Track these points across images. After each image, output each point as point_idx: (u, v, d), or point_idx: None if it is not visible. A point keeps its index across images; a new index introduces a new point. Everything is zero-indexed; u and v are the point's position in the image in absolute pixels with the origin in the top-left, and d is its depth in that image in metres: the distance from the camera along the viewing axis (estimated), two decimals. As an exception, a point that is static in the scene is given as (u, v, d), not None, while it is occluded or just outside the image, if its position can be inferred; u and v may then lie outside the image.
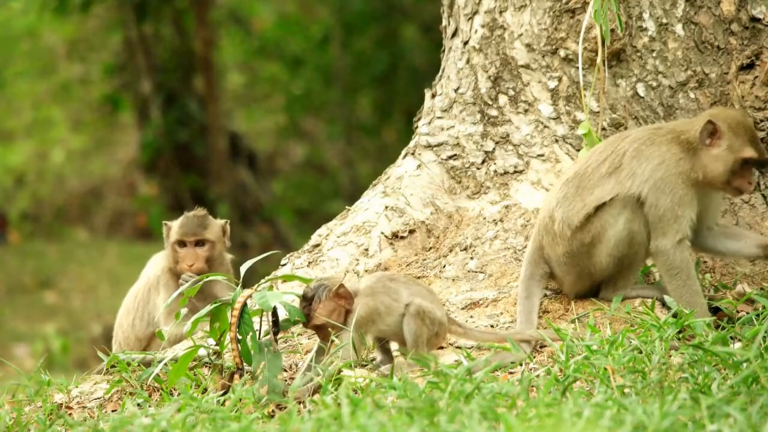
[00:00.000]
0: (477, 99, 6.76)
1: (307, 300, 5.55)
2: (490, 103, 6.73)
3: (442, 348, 5.74)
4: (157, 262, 7.09)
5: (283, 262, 6.71)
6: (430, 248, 6.53)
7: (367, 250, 6.50)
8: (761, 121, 6.45)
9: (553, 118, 6.62)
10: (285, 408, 5.25)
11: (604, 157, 5.98)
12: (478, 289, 6.24)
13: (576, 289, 6.08)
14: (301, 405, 5.27)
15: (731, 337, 5.45)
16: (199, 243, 6.91)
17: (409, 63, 19.96)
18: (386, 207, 6.61)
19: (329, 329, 5.53)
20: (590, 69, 6.50)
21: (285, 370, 5.69)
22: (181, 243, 6.91)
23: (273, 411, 5.30)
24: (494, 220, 6.50)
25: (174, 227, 6.94)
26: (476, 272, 6.34)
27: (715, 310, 6.02)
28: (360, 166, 20.63)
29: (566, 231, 5.96)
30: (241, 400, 5.22)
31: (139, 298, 7.06)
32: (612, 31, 6.45)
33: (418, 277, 6.27)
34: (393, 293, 5.59)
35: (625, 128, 6.45)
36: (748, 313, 5.90)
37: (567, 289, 6.09)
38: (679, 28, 6.54)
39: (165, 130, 19.12)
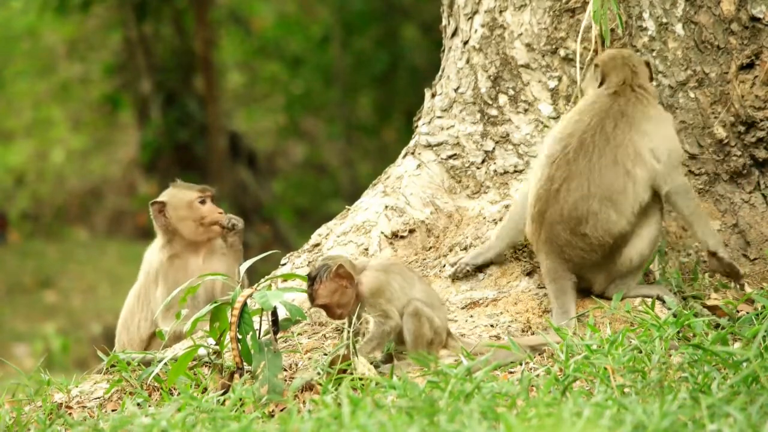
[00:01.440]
0: (477, 99, 6.76)
1: (310, 280, 5.56)
2: (490, 102, 6.73)
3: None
4: (154, 254, 7.01)
5: (283, 261, 6.71)
6: (430, 248, 6.52)
7: (367, 249, 6.50)
8: (761, 120, 6.45)
9: (553, 118, 6.61)
10: (285, 408, 5.25)
11: (594, 163, 5.96)
12: (478, 289, 6.24)
13: (604, 286, 6.08)
14: (302, 404, 5.27)
15: (731, 335, 5.45)
16: (213, 198, 7.01)
17: (409, 63, 19.96)
18: (386, 207, 6.61)
19: (336, 308, 5.52)
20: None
21: (285, 370, 5.68)
22: (202, 200, 6.97)
23: (273, 411, 5.30)
24: (494, 220, 6.50)
25: (180, 193, 6.98)
26: (476, 272, 6.34)
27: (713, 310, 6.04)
28: (360, 166, 20.64)
29: (607, 240, 5.94)
30: (241, 399, 5.22)
31: (142, 299, 7.02)
32: (612, 30, 6.45)
33: (418, 277, 6.26)
34: (408, 278, 5.57)
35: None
36: (748, 312, 5.90)
37: (597, 288, 6.08)
38: (679, 28, 6.54)
39: (165, 130, 19.12)
